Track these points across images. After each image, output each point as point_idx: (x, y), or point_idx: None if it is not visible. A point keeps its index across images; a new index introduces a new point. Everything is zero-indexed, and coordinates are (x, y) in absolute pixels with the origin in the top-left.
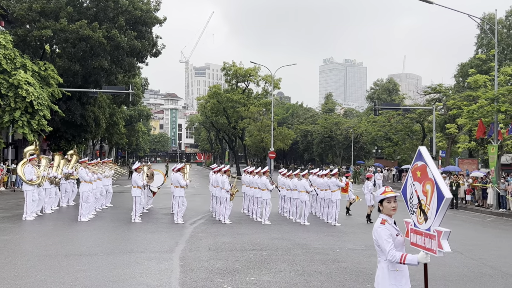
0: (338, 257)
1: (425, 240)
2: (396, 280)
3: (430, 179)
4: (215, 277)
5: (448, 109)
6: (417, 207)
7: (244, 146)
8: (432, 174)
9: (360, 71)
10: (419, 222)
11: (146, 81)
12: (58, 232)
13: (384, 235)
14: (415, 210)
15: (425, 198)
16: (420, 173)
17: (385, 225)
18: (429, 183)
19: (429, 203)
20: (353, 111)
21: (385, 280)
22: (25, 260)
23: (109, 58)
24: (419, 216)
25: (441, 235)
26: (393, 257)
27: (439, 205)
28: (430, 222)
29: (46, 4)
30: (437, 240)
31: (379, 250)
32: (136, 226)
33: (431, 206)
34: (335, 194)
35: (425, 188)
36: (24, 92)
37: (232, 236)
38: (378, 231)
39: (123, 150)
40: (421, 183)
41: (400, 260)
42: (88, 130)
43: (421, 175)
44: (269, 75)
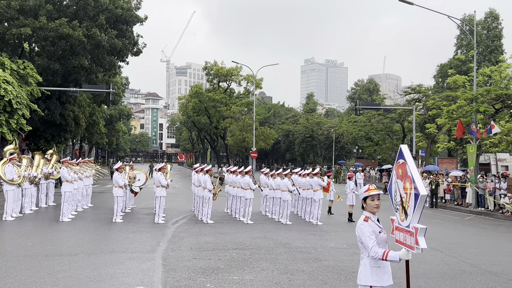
0: (320, 255)
1: (406, 237)
2: (378, 277)
3: (409, 176)
4: (198, 276)
5: (427, 109)
6: (400, 204)
7: (226, 146)
8: (410, 172)
9: (341, 72)
10: (401, 219)
11: (126, 80)
12: (38, 233)
13: (367, 232)
14: (398, 208)
15: (405, 196)
16: (402, 171)
17: (368, 222)
18: (409, 180)
19: (408, 200)
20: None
21: (367, 277)
22: (4, 260)
23: (89, 56)
24: (401, 213)
25: (417, 231)
26: (376, 253)
27: (415, 202)
28: (410, 219)
29: (25, 2)
30: (414, 237)
31: (361, 247)
32: (117, 226)
33: (410, 204)
34: (317, 194)
35: (405, 185)
36: (3, 91)
37: (214, 235)
38: (361, 228)
39: (103, 150)
40: (402, 181)
41: (382, 256)
42: (67, 129)
43: (402, 173)
44: (251, 75)
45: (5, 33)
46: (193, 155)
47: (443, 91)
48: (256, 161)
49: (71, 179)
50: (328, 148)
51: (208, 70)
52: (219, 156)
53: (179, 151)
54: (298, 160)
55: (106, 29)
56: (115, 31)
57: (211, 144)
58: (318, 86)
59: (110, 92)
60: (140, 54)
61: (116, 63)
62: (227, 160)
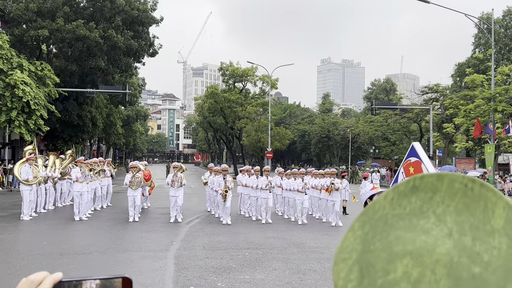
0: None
1: None
2: None
3: None
4: (209, 275)
5: (445, 108)
6: None
7: (242, 146)
8: (427, 170)
9: (357, 71)
10: None
11: (143, 81)
12: (53, 232)
13: None
14: None
15: None
16: (414, 170)
17: None
18: None
19: None
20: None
21: None
22: (20, 259)
23: (106, 58)
24: None
25: None
26: None
27: None
28: None
29: (43, 4)
30: None
31: None
32: (132, 225)
33: None
34: (334, 194)
35: None
36: (21, 92)
37: (227, 235)
38: None
39: (121, 151)
40: None
41: None
42: (85, 130)
43: (414, 172)
44: (266, 75)
45: (23, 35)
46: (209, 155)
47: (461, 90)
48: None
49: (75, 179)
50: (344, 148)
51: (224, 70)
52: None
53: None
54: (314, 161)
55: (122, 30)
56: (131, 32)
57: (227, 144)
58: (335, 86)
59: (126, 93)
60: (156, 55)
61: (132, 64)
62: (242, 160)
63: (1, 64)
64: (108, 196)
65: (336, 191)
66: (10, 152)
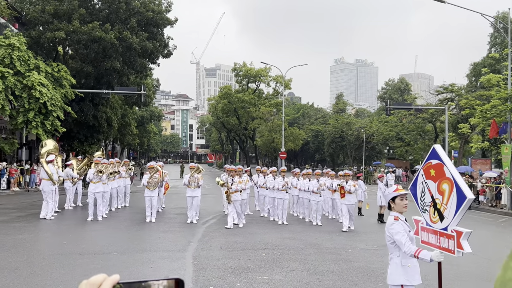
0: (350, 256)
1: (440, 239)
2: (409, 275)
3: (448, 178)
4: (228, 275)
5: (460, 108)
6: (430, 205)
7: (255, 146)
8: (451, 174)
9: (371, 71)
10: (433, 221)
11: (157, 82)
12: (72, 231)
13: (400, 230)
14: (427, 209)
15: (441, 198)
16: (435, 172)
17: (398, 221)
18: (447, 182)
19: (446, 202)
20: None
21: (398, 276)
22: (41, 258)
23: (121, 59)
24: (432, 215)
25: (461, 235)
26: (409, 249)
27: (459, 205)
28: (448, 222)
29: (59, 6)
30: (456, 241)
31: (392, 247)
32: (149, 226)
33: (449, 206)
34: (347, 197)
35: (441, 187)
36: (38, 93)
37: (244, 235)
38: (393, 226)
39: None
40: (436, 182)
41: (415, 253)
42: (100, 130)
43: (436, 174)
44: (279, 76)
45: (40, 37)
46: (222, 155)
47: (477, 90)
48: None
49: (89, 179)
50: (358, 148)
51: (237, 71)
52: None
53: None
54: (328, 161)
55: (137, 31)
56: (146, 33)
57: (240, 145)
58: (348, 86)
59: (141, 94)
60: (170, 56)
61: (147, 65)
62: (256, 160)
63: (19, 65)
64: (126, 198)
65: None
66: (27, 152)
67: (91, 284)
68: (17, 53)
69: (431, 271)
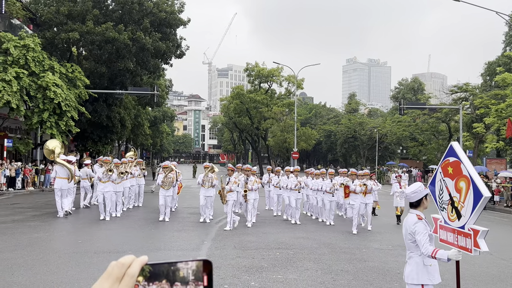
0: (365, 256)
1: (458, 238)
2: (430, 275)
3: (465, 176)
4: (242, 274)
5: (475, 108)
6: (448, 203)
7: (267, 146)
8: (468, 171)
9: (384, 71)
10: (451, 219)
11: (170, 82)
12: (86, 230)
13: (423, 230)
14: (445, 207)
15: (458, 196)
16: (453, 170)
17: (422, 221)
18: (464, 180)
19: (463, 200)
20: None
21: (420, 275)
22: (56, 256)
23: (134, 59)
24: (450, 213)
25: (478, 234)
26: (427, 250)
27: (475, 203)
28: (465, 220)
29: (73, 7)
30: (473, 239)
31: (413, 246)
32: (162, 225)
33: (466, 204)
34: (366, 196)
35: (458, 185)
36: (52, 94)
37: (257, 235)
38: (416, 225)
39: (148, 151)
40: (453, 180)
41: (432, 253)
42: (114, 131)
43: (453, 172)
44: (292, 75)
45: (54, 38)
46: (234, 156)
47: (491, 89)
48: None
49: (97, 179)
50: (371, 148)
51: (250, 71)
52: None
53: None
54: (340, 161)
55: (151, 32)
56: (159, 34)
57: (252, 145)
58: (361, 85)
59: (154, 94)
60: (183, 56)
61: (160, 65)
62: (268, 160)
63: (33, 66)
64: (140, 198)
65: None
66: (42, 152)
67: (120, 264)
68: (32, 54)
69: (448, 270)
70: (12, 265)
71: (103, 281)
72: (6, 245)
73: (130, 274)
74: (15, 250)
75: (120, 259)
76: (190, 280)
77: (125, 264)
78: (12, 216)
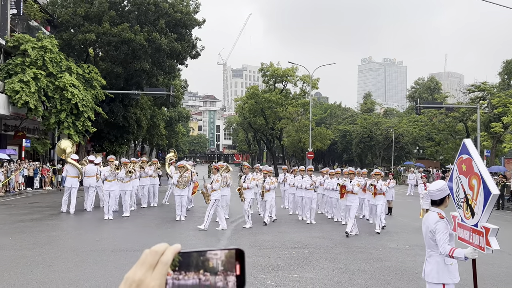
0: (382, 256)
1: (472, 236)
2: (451, 274)
3: (476, 173)
4: (258, 273)
5: (493, 107)
6: (464, 201)
7: (282, 146)
8: (478, 169)
9: (399, 70)
10: (466, 217)
11: (185, 83)
12: (104, 229)
13: (444, 229)
14: (461, 205)
15: (471, 193)
16: (466, 167)
17: (444, 220)
18: (475, 177)
19: (476, 198)
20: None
21: (442, 274)
22: (74, 254)
23: (150, 60)
24: (465, 210)
25: (489, 232)
26: (444, 249)
27: (486, 201)
28: (478, 218)
29: (90, 9)
30: (485, 237)
31: (433, 244)
32: (179, 224)
33: (478, 202)
34: (377, 197)
35: (471, 182)
36: (69, 94)
37: (272, 234)
38: (438, 224)
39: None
40: (467, 177)
41: (449, 253)
42: (130, 131)
43: (466, 169)
44: (307, 75)
45: (71, 39)
46: (249, 156)
47: (509, 88)
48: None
49: (103, 177)
50: (387, 148)
51: (264, 71)
52: (275, 157)
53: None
54: (356, 161)
55: (166, 33)
56: (174, 34)
57: (267, 145)
58: (376, 85)
59: (170, 95)
60: (198, 57)
61: (175, 66)
62: (283, 160)
63: (51, 67)
64: (155, 198)
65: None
66: None
67: (154, 252)
68: (49, 55)
69: (466, 270)
70: (31, 263)
71: (137, 269)
72: (25, 243)
73: (163, 262)
74: (33, 248)
75: (154, 247)
76: (219, 270)
77: (159, 251)
78: (31, 215)
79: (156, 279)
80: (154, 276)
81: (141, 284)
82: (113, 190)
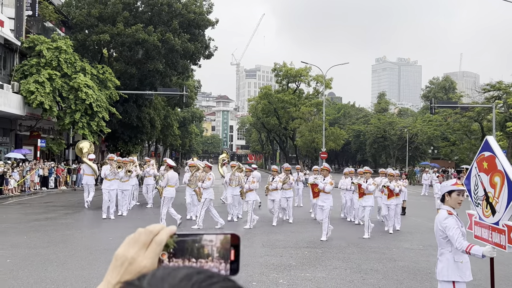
0: (395, 256)
1: (492, 234)
2: (462, 272)
3: (499, 171)
4: (270, 272)
5: (508, 107)
6: (483, 199)
7: (295, 146)
8: (502, 166)
9: (414, 70)
10: (485, 215)
11: (199, 83)
12: (117, 228)
13: (453, 224)
14: (480, 203)
15: (493, 191)
16: (487, 164)
17: (452, 216)
18: (498, 175)
19: (498, 196)
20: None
21: (451, 272)
22: (88, 253)
23: (164, 60)
24: (485, 209)
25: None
26: (461, 245)
27: (510, 199)
28: (499, 216)
29: (104, 10)
30: (507, 236)
31: (444, 242)
32: (190, 223)
33: (501, 200)
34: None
35: (493, 180)
36: (84, 95)
37: (285, 234)
38: (446, 221)
39: (177, 151)
40: (488, 175)
41: (466, 249)
42: (144, 131)
43: (488, 167)
44: (320, 75)
45: (86, 40)
46: (262, 156)
47: None
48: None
49: (103, 176)
50: (401, 148)
51: (277, 71)
52: (288, 157)
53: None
54: (370, 161)
55: (179, 33)
56: (187, 35)
57: (280, 145)
58: (390, 85)
59: (183, 95)
60: (211, 57)
61: (189, 66)
62: (296, 160)
63: (66, 68)
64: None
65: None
66: (74, 152)
67: (149, 231)
68: (64, 56)
69: (480, 270)
70: (45, 261)
71: (130, 247)
72: (39, 241)
73: (157, 241)
74: (48, 247)
75: (148, 227)
76: (215, 257)
77: (153, 231)
78: (45, 214)
79: (149, 258)
80: (147, 254)
81: (134, 262)
82: (113, 189)
